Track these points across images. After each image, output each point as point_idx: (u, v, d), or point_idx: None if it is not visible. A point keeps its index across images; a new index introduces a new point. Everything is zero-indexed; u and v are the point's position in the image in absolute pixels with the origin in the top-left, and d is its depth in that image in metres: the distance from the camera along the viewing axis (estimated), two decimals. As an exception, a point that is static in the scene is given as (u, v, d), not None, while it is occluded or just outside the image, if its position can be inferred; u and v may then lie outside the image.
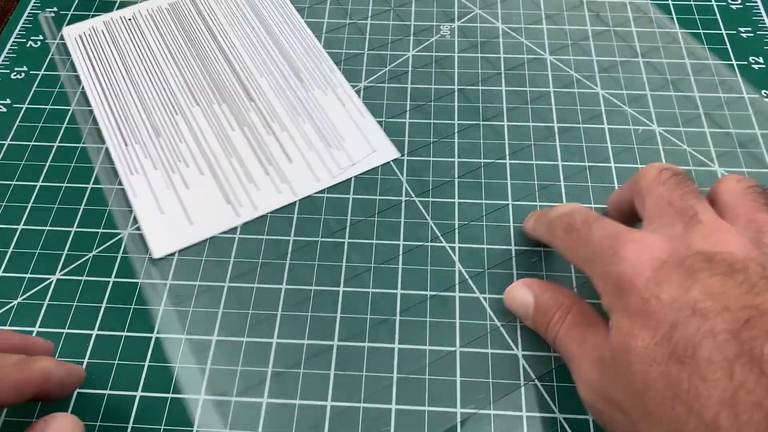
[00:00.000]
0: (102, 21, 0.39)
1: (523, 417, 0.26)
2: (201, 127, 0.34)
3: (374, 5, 0.40)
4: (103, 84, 0.36)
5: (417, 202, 0.32)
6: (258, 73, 0.36)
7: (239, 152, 0.33)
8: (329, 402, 0.26)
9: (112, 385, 0.27)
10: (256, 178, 0.32)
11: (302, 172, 0.33)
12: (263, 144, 0.33)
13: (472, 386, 0.26)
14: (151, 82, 0.36)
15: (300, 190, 0.32)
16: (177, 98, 0.36)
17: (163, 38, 0.38)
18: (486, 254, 0.30)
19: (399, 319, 0.28)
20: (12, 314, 0.28)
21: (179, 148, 0.34)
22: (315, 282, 0.29)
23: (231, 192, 0.32)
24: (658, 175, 0.23)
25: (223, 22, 0.39)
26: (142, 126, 0.35)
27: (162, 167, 0.33)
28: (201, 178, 0.33)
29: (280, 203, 0.32)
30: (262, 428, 0.25)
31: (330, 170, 0.32)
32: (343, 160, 0.33)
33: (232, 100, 0.35)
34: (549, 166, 0.33)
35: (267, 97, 0.35)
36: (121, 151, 0.34)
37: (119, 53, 0.38)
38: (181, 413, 0.26)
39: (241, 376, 0.27)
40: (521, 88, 0.36)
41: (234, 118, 0.35)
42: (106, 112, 0.35)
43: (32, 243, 0.31)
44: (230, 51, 0.38)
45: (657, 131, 0.34)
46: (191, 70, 0.37)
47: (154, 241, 0.31)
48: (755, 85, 0.36)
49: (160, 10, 0.40)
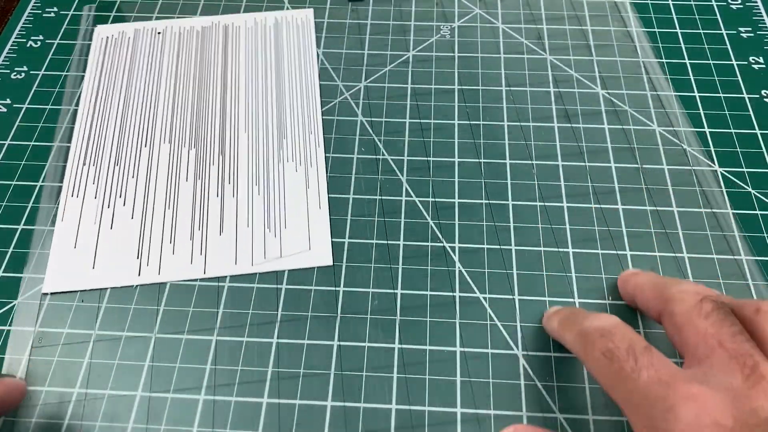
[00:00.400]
0: (134, 28, 0.39)
1: (523, 417, 0.26)
2: (159, 167, 0.33)
3: (375, 5, 0.40)
4: (99, 92, 0.36)
5: (417, 202, 0.32)
6: (243, 126, 0.34)
7: (179, 206, 0.31)
8: (329, 402, 0.26)
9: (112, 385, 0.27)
10: (178, 240, 0.30)
11: (226, 248, 0.30)
12: (206, 205, 0.31)
13: (472, 386, 0.26)
14: (141, 104, 0.35)
15: (212, 267, 0.30)
16: (155, 129, 0.34)
17: (177, 61, 0.37)
18: (486, 254, 0.30)
19: (399, 319, 0.28)
20: (12, 314, 0.29)
21: (126, 183, 0.32)
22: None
23: (146, 247, 0.30)
24: (698, 305, 0.20)
25: (240, 58, 0.37)
26: (108, 148, 0.34)
27: (101, 198, 0.32)
28: (128, 222, 0.31)
29: (184, 276, 0.29)
30: (263, 428, 0.26)
31: (254, 257, 0.30)
32: (273, 250, 0.30)
33: (203, 147, 0.33)
34: (549, 166, 0.33)
35: (237, 155, 0.33)
36: (76, 168, 0.33)
37: (130, 65, 0.37)
38: (181, 413, 0.26)
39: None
40: (521, 88, 0.36)
41: (194, 168, 0.33)
42: (87, 121, 0.35)
43: (32, 243, 0.31)
44: (231, 92, 0.36)
45: (657, 131, 0.34)
46: (183, 102, 0.35)
47: (51, 275, 0.30)
48: (755, 85, 0.36)
49: (190, 31, 0.39)
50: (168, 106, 0.35)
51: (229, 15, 0.40)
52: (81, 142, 0.34)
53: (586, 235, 0.30)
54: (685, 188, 0.32)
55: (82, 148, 0.34)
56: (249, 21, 0.39)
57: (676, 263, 0.29)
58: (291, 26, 0.39)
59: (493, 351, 0.27)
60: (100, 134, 0.34)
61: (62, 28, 0.40)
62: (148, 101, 0.36)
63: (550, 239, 0.30)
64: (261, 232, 0.31)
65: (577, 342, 0.23)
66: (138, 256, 0.30)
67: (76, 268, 0.30)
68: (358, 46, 0.38)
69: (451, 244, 0.30)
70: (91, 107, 0.35)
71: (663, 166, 0.33)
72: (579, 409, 0.26)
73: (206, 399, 0.26)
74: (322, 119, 0.35)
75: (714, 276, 0.29)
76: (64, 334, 0.28)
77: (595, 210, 0.31)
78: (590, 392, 0.26)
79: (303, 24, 0.39)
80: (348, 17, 0.40)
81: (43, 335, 0.28)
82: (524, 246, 0.30)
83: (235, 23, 0.39)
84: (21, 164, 0.33)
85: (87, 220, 0.31)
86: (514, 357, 0.27)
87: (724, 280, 0.29)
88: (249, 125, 0.35)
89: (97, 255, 0.30)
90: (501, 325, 0.28)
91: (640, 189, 0.32)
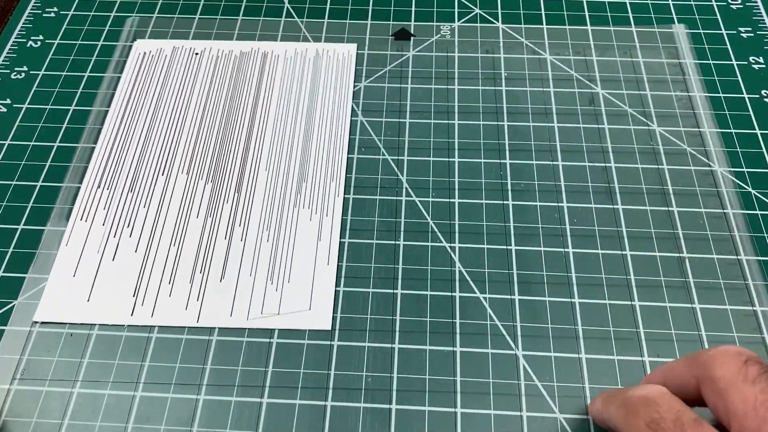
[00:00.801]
0: (172, 46, 0.38)
1: (523, 417, 0.26)
2: (172, 200, 0.32)
3: (375, 5, 0.40)
4: (126, 111, 0.35)
5: (417, 202, 0.32)
6: (265, 163, 0.33)
7: (185, 244, 0.30)
8: (329, 402, 0.26)
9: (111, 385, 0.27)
10: (176, 281, 0.29)
11: (224, 297, 0.29)
12: (212, 246, 0.30)
13: (472, 386, 0.26)
14: (166, 129, 0.34)
15: (206, 317, 0.28)
16: (175, 156, 0.33)
17: (210, 86, 0.36)
18: (486, 254, 0.30)
19: (399, 319, 0.28)
20: (12, 314, 0.29)
21: (137, 213, 0.31)
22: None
23: (143, 286, 0.29)
24: (742, 368, 0.19)
25: (273, 90, 0.36)
26: (125, 172, 0.33)
27: (109, 226, 0.31)
28: (131, 255, 0.30)
29: (177, 322, 0.28)
30: (263, 428, 0.25)
31: (251, 311, 0.28)
32: (271, 304, 0.29)
33: (219, 183, 0.32)
34: (549, 166, 0.33)
35: (253, 194, 0.32)
36: (91, 190, 0.32)
37: (162, 85, 0.36)
38: (181, 413, 0.26)
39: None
40: (521, 88, 0.36)
41: (206, 204, 0.31)
42: (109, 142, 0.34)
43: (32, 243, 0.31)
44: (259, 124, 0.34)
45: (657, 131, 0.34)
46: (209, 131, 0.34)
47: (45, 304, 0.29)
48: (755, 85, 0.36)
49: (228, 56, 0.37)
50: (192, 134, 0.34)
51: (269, 42, 0.38)
52: (100, 164, 0.33)
53: (587, 234, 0.30)
54: (685, 188, 0.32)
55: (100, 169, 0.33)
56: (289, 50, 0.38)
57: (677, 263, 0.29)
58: (332, 60, 0.37)
59: (492, 351, 0.27)
60: (120, 157, 0.33)
61: (62, 28, 0.40)
62: (174, 126, 0.34)
63: (550, 239, 0.30)
64: (263, 283, 0.29)
65: (619, 413, 0.21)
66: (134, 293, 0.29)
67: (70, 298, 0.29)
68: (358, 46, 0.38)
69: (451, 244, 0.30)
70: (116, 127, 0.34)
71: (663, 166, 0.33)
72: (579, 409, 0.26)
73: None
74: (346, 166, 0.33)
75: (714, 276, 0.29)
76: (51, 368, 0.27)
77: (595, 210, 0.31)
78: (590, 392, 0.26)
79: (344, 59, 0.37)
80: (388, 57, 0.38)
81: (28, 365, 0.27)
82: (524, 246, 0.30)
83: (275, 51, 0.38)
84: (21, 164, 0.33)
85: (91, 248, 0.30)
86: (514, 357, 0.27)
87: (724, 280, 0.29)
88: (271, 163, 0.33)
89: (94, 287, 0.29)
90: (501, 325, 0.28)
91: (640, 189, 0.32)
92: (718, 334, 0.27)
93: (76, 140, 0.34)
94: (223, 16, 0.40)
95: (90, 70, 0.37)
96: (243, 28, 0.39)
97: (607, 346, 0.27)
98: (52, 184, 0.33)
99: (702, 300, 0.28)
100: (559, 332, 0.28)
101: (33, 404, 0.26)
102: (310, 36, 0.39)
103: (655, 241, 0.30)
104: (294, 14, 0.40)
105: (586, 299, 0.28)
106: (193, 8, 0.40)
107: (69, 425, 0.26)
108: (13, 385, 0.27)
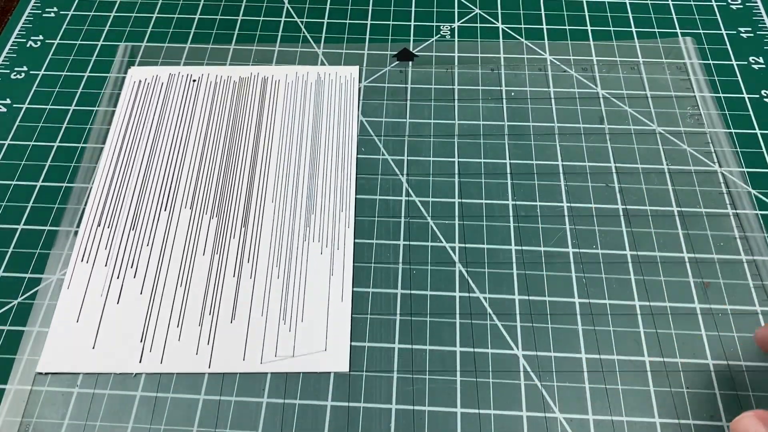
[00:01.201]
0: (168, 73, 0.36)
1: (523, 417, 0.26)
2: (176, 237, 0.30)
3: (375, 5, 0.40)
4: (124, 144, 0.33)
5: (417, 202, 0.32)
6: (271, 195, 0.31)
7: (192, 284, 0.29)
8: (329, 402, 0.26)
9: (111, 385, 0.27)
10: (185, 326, 0.28)
11: (235, 339, 0.27)
12: (220, 285, 0.29)
13: (475, 386, 0.26)
14: (167, 161, 0.33)
15: (218, 362, 0.27)
16: (177, 190, 0.32)
17: (210, 114, 0.34)
18: (486, 254, 0.30)
19: (399, 320, 0.28)
20: (12, 314, 0.28)
21: (140, 252, 0.30)
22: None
23: (150, 330, 0.28)
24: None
25: (276, 117, 0.34)
26: (126, 209, 0.31)
27: (111, 266, 0.29)
28: (136, 298, 0.29)
29: (187, 368, 0.27)
30: (263, 428, 0.25)
31: (264, 354, 0.27)
32: (285, 346, 0.27)
33: (225, 216, 0.31)
34: (549, 166, 0.33)
35: (260, 228, 0.30)
36: (90, 229, 0.31)
37: (160, 115, 0.34)
38: (181, 413, 0.26)
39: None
40: (521, 88, 0.36)
41: (212, 241, 0.30)
42: (107, 177, 0.32)
43: (32, 243, 0.31)
44: (263, 154, 0.33)
45: (657, 131, 0.34)
46: (211, 162, 0.33)
47: (48, 352, 0.27)
48: (755, 85, 0.36)
49: (227, 81, 0.36)
50: (194, 166, 0.32)
51: (269, 66, 0.37)
52: (98, 199, 0.32)
53: (587, 234, 0.30)
54: (685, 188, 0.32)
55: (99, 206, 0.31)
56: (290, 74, 0.36)
57: (677, 263, 0.29)
58: (334, 84, 0.35)
59: (493, 351, 0.27)
60: (120, 192, 0.32)
61: (62, 28, 0.40)
62: (174, 159, 0.33)
63: (550, 239, 0.30)
64: (275, 323, 0.28)
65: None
66: (141, 338, 0.27)
67: (75, 346, 0.27)
68: (359, 46, 0.38)
69: (452, 244, 0.30)
70: (114, 161, 0.33)
71: (663, 166, 0.33)
72: (579, 409, 0.26)
73: None
74: (355, 197, 0.32)
75: (715, 276, 0.29)
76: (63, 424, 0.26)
77: (595, 210, 0.31)
78: (590, 392, 0.26)
79: (347, 83, 0.36)
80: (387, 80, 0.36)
81: (34, 426, 0.26)
82: (526, 246, 0.30)
83: (276, 76, 0.36)
84: (21, 164, 0.33)
85: (94, 291, 0.29)
86: (514, 357, 0.27)
87: (724, 281, 0.29)
88: (277, 194, 0.31)
89: (99, 333, 0.28)
90: (501, 325, 0.28)
91: (640, 189, 0.32)
92: (719, 333, 0.27)
93: (77, 140, 0.34)
94: (214, 44, 0.39)
95: (90, 70, 0.37)
96: (236, 53, 0.38)
97: (608, 346, 0.27)
98: (53, 184, 0.33)
99: (712, 300, 0.28)
100: (559, 332, 0.28)
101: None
102: (307, 59, 0.37)
103: (654, 241, 0.30)
104: (294, 14, 0.40)
105: (587, 299, 0.28)
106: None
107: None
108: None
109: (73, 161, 0.33)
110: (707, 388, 0.26)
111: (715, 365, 0.27)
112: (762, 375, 0.26)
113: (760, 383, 0.26)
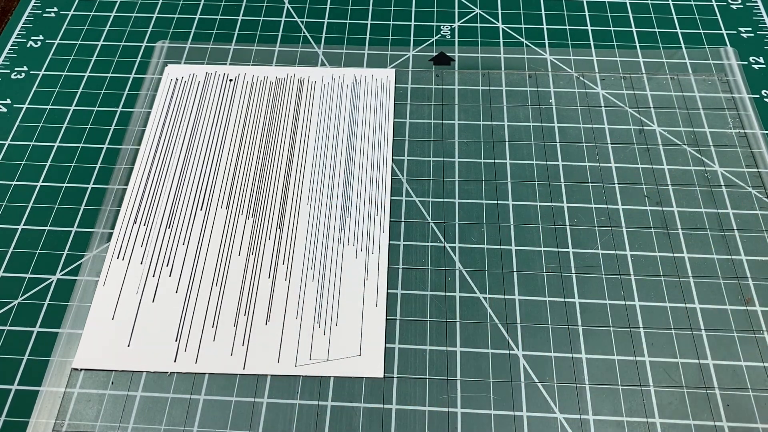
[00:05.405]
0: (205, 71, 0.36)
1: (523, 417, 0.26)
2: (212, 236, 0.30)
3: (374, 5, 0.40)
4: (161, 142, 0.34)
5: (417, 202, 0.32)
6: (306, 197, 0.31)
7: (227, 284, 0.29)
8: (329, 402, 0.26)
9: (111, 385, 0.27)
10: (220, 326, 0.28)
11: (270, 341, 0.27)
12: (255, 286, 0.29)
13: (472, 386, 0.26)
14: (203, 161, 0.33)
15: (253, 363, 0.27)
16: (213, 190, 0.32)
17: (246, 115, 0.34)
18: (486, 254, 0.30)
19: (399, 320, 0.28)
20: (12, 314, 0.29)
21: (176, 251, 0.30)
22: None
23: (185, 330, 0.28)
24: None
25: (312, 118, 0.34)
26: (162, 207, 0.31)
27: (147, 264, 0.30)
28: (172, 297, 0.29)
29: (222, 368, 0.27)
30: (263, 428, 0.25)
31: (298, 356, 0.27)
32: (320, 350, 0.27)
33: (260, 218, 0.31)
34: (549, 166, 0.33)
35: (296, 230, 0.30)
36: (127, 226, 0.31)
37: (196, 114, 0.35)
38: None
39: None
40: (521, 88, 0.36)
41: (248, 241, 0.30)
42: (143, 175, 0.32)
43: (32, 243, 0.31)
44: (298, 156, 0.33)
45: (657, 131, 0.34)
46: (247, 162, 0.32)
47: (84, 349, 0.27)
48: (755, 85, 0.36)
49: (263, 82, 0.36)
50: (230, 166, 0.32)
51: (305, 67, 0.37)
52: (135, 197, 0.32)
53: (588, 235, 0.30)
54: (685, 188, 0.32)
55: (136, 203, 0.31)
56: (326, 76, 0.36)
57: (675, 262, 0.29)
58: (370, 87, 0.35)
59: (492, 351, 0.27)
60: (156, 190, 0.32)
61: (62, 28, 0.40)
62: (211, 158, 0.33)
63: (550, 239, 0.30)
64: (310, 326, 0.28)
65: None
66: (177, 338, 0.28)
67: (110, 344, 0.27)
68: (359, 46, 0.38)
69: (452, 244, 0.30)
70: (150, 159, 0.33)
71: (663, 167, 0.33)
72: (579, 408, 0.26)
73: None
74: (390, 200, 0.32)
75: (715, 276, 0.29)
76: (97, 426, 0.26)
77: (595, 210, 0.31)
78: (590, 392, 0.26)
79: (383, 85, 0.36)
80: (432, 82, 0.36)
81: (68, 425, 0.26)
82: (524, 246, 0.30)
83: (312, 77, 0.36)
84: (21, 164, 0.33)
85: (129, 288, 0.29)
86: (514, 357, 0.27)
87: (723, 280, 0.29)
88: (312, 197, 0.31)
89: (134, 331, 0.28)
90: (501, 325, 0.28)
91: (640, 188, 0.32)
92: (718, 334, 0.27)
93: (77, 140, 0.34)
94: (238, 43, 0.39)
95: (90, 71, 0.37)
96: (282, 52, 0.38)
97: (607, 346, 0.27)
98: (52, 184, 0.33)
99: (701, 300, 0.28)
100: (559, 332, 0.28)
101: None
102: (352, 62, 0.37)
103: (654, 241, 0.30)
104: (295, 14, 0.40)
105: (587, 299, 0.29)
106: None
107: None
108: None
109: (74, 161, 0.33)
110: (708, 387, 0.26)
111: (715, 365, 0.27)
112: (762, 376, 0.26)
113: (761, 383, 0.26)
